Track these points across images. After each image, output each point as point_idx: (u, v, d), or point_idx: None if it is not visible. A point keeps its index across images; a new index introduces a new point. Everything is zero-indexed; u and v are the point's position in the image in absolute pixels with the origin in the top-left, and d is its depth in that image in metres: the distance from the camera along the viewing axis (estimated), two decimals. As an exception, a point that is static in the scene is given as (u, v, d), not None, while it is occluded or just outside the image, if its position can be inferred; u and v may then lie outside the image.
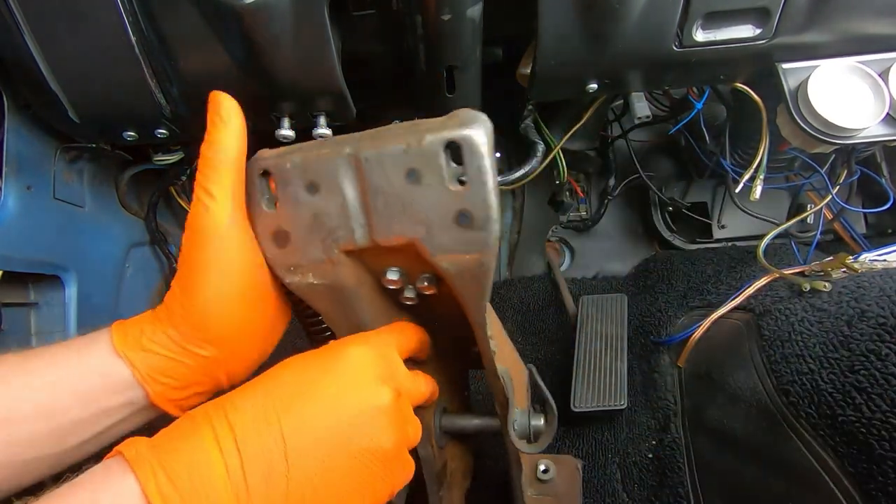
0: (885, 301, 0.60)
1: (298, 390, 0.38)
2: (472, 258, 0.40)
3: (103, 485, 0.33)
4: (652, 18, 0.58)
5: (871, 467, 0.52)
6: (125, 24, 0.55)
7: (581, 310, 0.96)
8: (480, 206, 0.39)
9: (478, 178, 0.38)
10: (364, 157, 0.40)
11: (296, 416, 0.37)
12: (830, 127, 0.64)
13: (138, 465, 0.33)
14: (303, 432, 0.36)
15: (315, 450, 0.36)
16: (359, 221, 0.42)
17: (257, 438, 0.35)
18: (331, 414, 0.38)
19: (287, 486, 0.35)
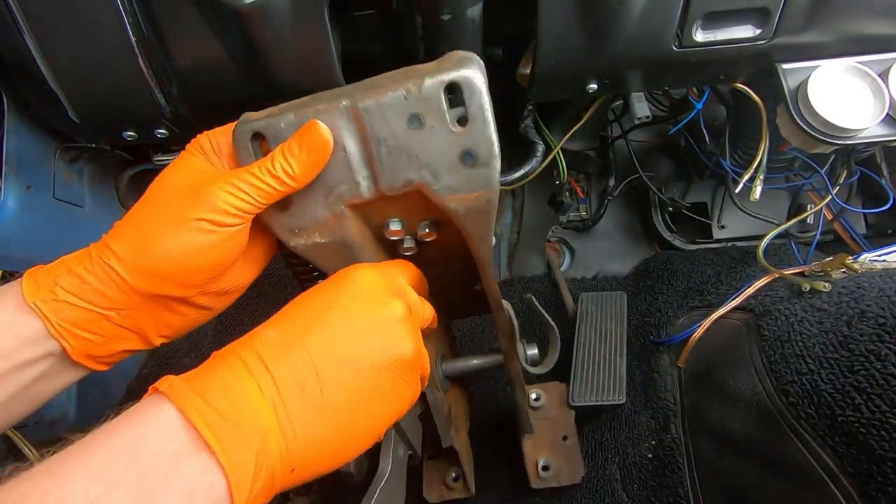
0: (884, 301, 0.60)
1: (317, 315, 0.38)
2: (478, 195, 0.42)
3: (143, 417, 0.32)
4: (652, 19, 0.58)
5: (870, 467, 0.52)
6: (125, 24, 0.55)
7: (580, 307, 0.96)
8: (484, 144, 0.40)
9: (480, 116, 0.39)
10: (363, 107, 0.40)
11: (320, 336, 0.37)
12: (830, 127, 0.64)
13: (174, 394, 0.32)
14: (328, 350, 0.37)
15: (342, 365, 0.37)
16: (362, 174, 0.42)
17: (286, 359, 0.35)
18: (351, 330, 0.38)
19: (322, 398, 0.35)
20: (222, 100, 0.63)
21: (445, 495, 0.79)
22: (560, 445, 0.80)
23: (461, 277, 0.54)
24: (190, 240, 0.40)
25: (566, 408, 0.82)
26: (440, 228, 0.47)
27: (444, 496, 0.79)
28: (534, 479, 0.78)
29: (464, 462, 0.74)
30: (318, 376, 0.36)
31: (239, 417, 0.32)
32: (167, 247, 0.40)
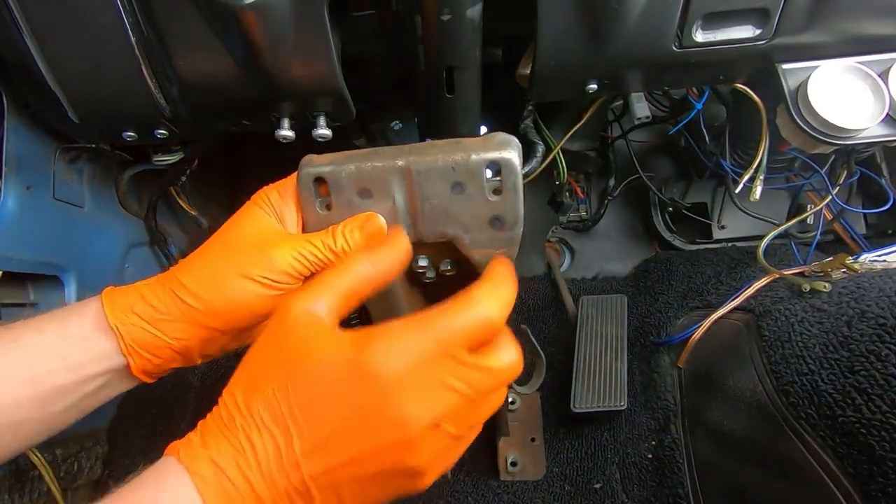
0: (884, 302, 0.60)
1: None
2: (500, 252, 0.49)
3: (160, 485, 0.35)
4: (652, 19, 0.58)
5: (871, 468, 0.52)
6: (125, 24, 0.55)
7: (581, 310, 0.96)
8: (512, 213, 0.47)
9: (512, 190, 0.46)
10: (415, 170, 0.46)
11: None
12: (830, 127, 0.64)
13: (206, 492, 0.34)
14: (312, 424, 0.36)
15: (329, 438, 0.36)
16: (406, 222, 0.49)
17: (274, 451, 0.35)
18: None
19: (307, 489, 0.35)
20: (222, 100, 0.63)
21: None
22: (528, 446, 0.90)
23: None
24: (254, 289, 0.45)
25: (536, 413, 0.92)
26: (459, 265, 0.54)
27: None
28: (503, 473, 0.88)
29: None
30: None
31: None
32: (234, 293, 0.45)
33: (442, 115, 0.67)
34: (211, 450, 0.35)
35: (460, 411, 0.36)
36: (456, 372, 0.35)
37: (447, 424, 0.35)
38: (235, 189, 1.18)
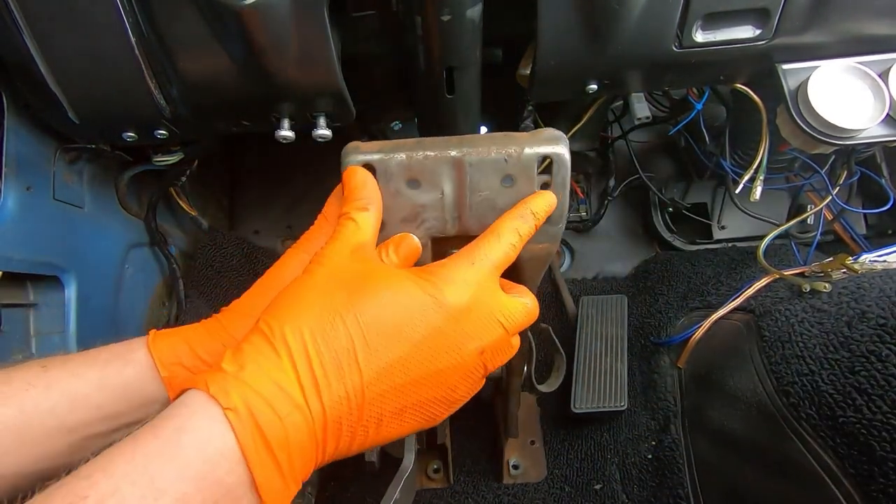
0: (885, 302, 0.60)
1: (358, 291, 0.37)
2: (542, 247, 0.49)
3: (207, 441, 0.31)
4: (652, 19, 0.58)
5: (871, 468, 0.52)
6: (125, 24, 0.55)
7: (581, 311, 0.96)
8: (559, 208, 0.47)
9: (561, 186, 0.47)
10: (468, 161, 0.46)
11: (362, 315, 0.36)
12: (830, 127, 0.64)
13: (239, 427, 0.31)
14: (380, 352, 0.36)
15: (391, 370, 0.36)
16: (452, 214, 0.48)
17: (336, 373, 0.34)
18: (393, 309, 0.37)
19: (360, 416, 0.35)
20: (222, 101, 0.63)
21: (426, 484, 0.88)
22: (528, 449, 0.91)
23: None
24: None
25: (535, 417, 0.94)
26: None
27: (424, 484, 0.88)
28: (505, 476, 0.89)
29: (448, 456, 0.84)
30: (360, 374, 0.35)
31: (288, 449, 0.32)
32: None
33: (442, 115, 0.67)
34: (251, 381, 0.32)
35: (498, 344, 0.40)
36: (501, 305, 0.40)
37: (487, 354, 0.39)
38: (235, 189, 1.18)
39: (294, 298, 0.37)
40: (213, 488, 0.30)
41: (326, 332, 0.35)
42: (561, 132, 0.47)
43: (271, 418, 0.32)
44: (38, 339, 0.74)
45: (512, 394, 0.75)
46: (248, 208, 1.17)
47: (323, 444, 0.34)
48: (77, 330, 0.76)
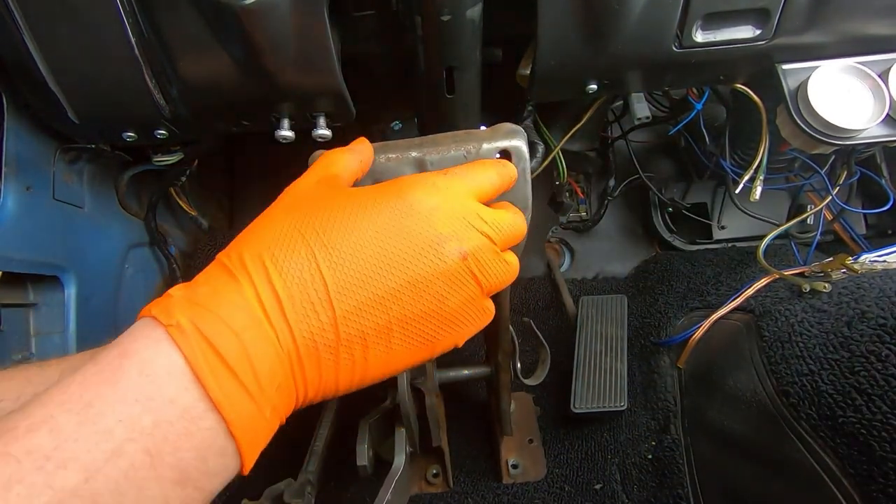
0: (884, 302, 0.60)
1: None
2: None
3: (152, 361, 0.29)
4: (651, 19, 0.58)
5: (871, 469, 0.52)
6: (125, 24, 0.55)
7: (581, 311, 0.96)
8: (521, 199, 0.49)
9: (522, 177, 0.48)
10: (429, 160, 0.47)
11: (336, 252, 0.33)
12: (830, 128, 0.64)
13: (184, 343, 0.29)
14: (350, 272, 0.33)
15: (367, 283, 0.33)
16: None
17: (299, 287, 0.32)
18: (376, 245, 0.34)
19: (336, 334, 0.32)
20: (222, 100, 0.63)
21: (425, 489, 0.88)
22: (527, 448, 0.91)
23: None
24: None
25: (532, 415, 0.94)
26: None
27: (423, 489, 0.88)
28: (504, 476, 0.89)
29: (446, 459, 0.84)
30: (333, 312, 0.32)
31: (251, 365, 0.30)
32: None
33: (442, 115, 0.67)
34: (206, 315, 0.30)
35: (482, 251, 0.36)
36: (479, 208, 0.37)
37: (472, 261, 0.36)
38: (235, 189, 1.18)
39: (252, 227, 0.35)
40: (164, 409, 0.28)
41: (285, 249, 0.32)
42: (518, 126, 0.48)
43: (223, 331, 0.29)
44: (37, 339, 0.74)
45: (502, 390, 0.76)
46: (248, 208, 1.17)
47: (301, 370, 0.32)
48: (77, 330, 0.76)
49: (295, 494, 0.66)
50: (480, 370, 0.75)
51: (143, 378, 0.28)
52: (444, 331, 0.36)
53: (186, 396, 0.28)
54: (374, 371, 0.35)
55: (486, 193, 0.40)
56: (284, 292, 0.31)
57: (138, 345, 0.29)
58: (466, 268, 0.35)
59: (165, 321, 0.29)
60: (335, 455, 0.76)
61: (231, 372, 0.29)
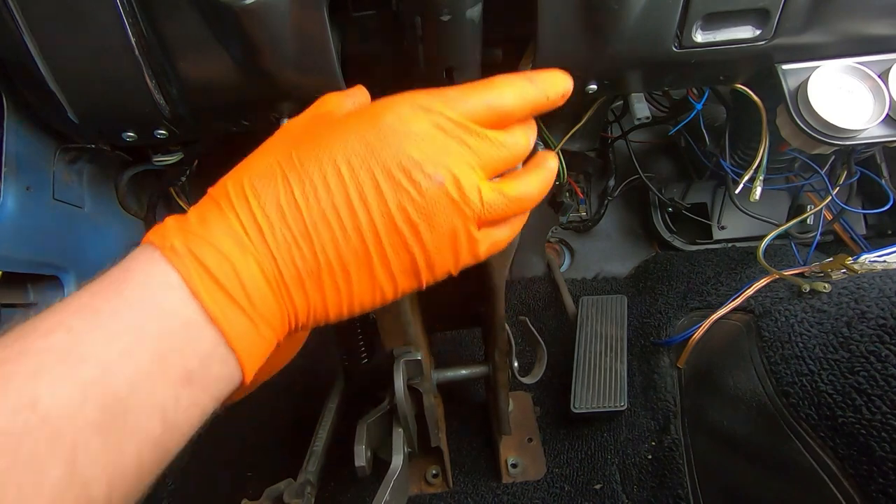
0: (884, 302, 0.60)
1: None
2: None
3: (150, 279, 0.31)
4: (651, 19, 0.58)
5: (871, 469, 0.52)
6: (124, 24, 0.55)
7: (581, 310, 0.96)
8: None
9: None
10: None
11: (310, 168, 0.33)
12: (830, 128, 0.64)
13: (178, 263, 0.31)
14: (321, 191, 0.33)
15: (339, 209, 0.33)
16: None
17: (278, 215, 0.32)
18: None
19: (317, 262, 0.33)
20: (222, 100, 0.63)
21: (425, 489, 0.88)
22: (526, 446, 0.91)
23: (467, 299, 0.64)
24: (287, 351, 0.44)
25: (530, 414, 0.94)
26: None
27: (423, 490, 0.88)
28: (504, 476, 0.89)
29: (445, 459, 0.85)
30: (308, 232, 0.33)
31: (242, 285, 0.31)
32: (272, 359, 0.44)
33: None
34: (198, 241, 0.31)
35: (466, 178, 0.34)
36: (466, 132, 0.35)
37: (455, 189, 0.33)
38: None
39: (241, 163, 0.36)
40: (167, 319, 0.30)
41: (265, 179, 0.33)
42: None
43: (212, 253, 0.31)
44: (37, 339, 0.74)
45: (500, 389, 0.77)
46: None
47: (288, 294, 0.33)
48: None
49: (294, 494, 0.66)
50: (478, 370, 0.75)
51: (145, 291, 0.30)
52: (427, 261, 0.35)
53: (186, 310, 0.30)
54: (361, 298, 0.35)
55: (493, 119, 0.36)
56: (265, 221, 0.32)
57: (138, 264, 0.31)
58: (444, 196, 0.33)
59: (160, 244, 0.31)
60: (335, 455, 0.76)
61: (223, 290, 0.31)
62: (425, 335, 0.70)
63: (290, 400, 0.98)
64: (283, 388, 0.99)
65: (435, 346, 1.01)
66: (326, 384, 0.84)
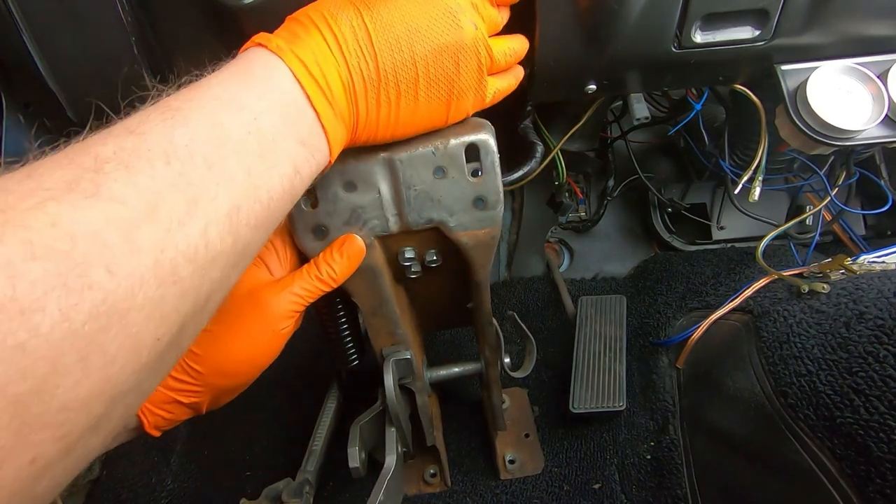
0: (883, 303, 0.60)
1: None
2: (485, 232, 0.52)
3: (268, 65, 0.38)
4: (651, 20, 0.58)
5: (869, 469, 0.52)
6: (124, 24, 0.55)
7: (580, 311, 0.96)
8: (493, 192, 0.50)
9: (491, 170, 0.49)
10: (398, 158, 0.48)
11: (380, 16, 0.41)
12: (829, 128, 0.64)
13: (286, 57, 0.38)
14: (387, 27, 0.41)
15: (400, 42, 0.41)
16: (391, 211, 0.51)
17: (352, 35, 0.40)
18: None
19: (378, 76, 0.41)
20: (221, 100, 0.63)
21: (423, 489, 0.88)
22: (523, 442, 0.91)
23: (455, 296, 0.64)
24: (260, 344, 0.49)
25: (527, 410, 0.94)
26: (444, 257, 0.56)
27: (421, 490, 0.88)
28: (502, 472, 0.88)
29: (442, 458, 0.84)
30: (374, 50, 0.40)
31: (327, 82, 0.39)
32: (241, 353, 0.48)
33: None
34: (295, 45, 0.39)
35: (489, 24, 0.45)
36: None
37: (481, 35, 0.43)
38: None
39: (312, 3, 0.43)
40: (285, 94, 0.37)
41: (340, 9, 0.40)
42: (485, 120, 0.50)
43: (307, 53, 0.38)
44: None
45: (493, 385, 0.77)
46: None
47: (354, 99, 0.40)
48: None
49: (293, 494, 0.66)
50: (471, 367, 0.76)
51: (266, 72, 0.37)
52: (456, 93, 0.44)
53: (295, 91, 0.38)
54: (404, 121, 0.44)
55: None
56: (341, 37, 0.40)
57: (256, 55, 0.39)
58: (476, 41, 0.43)
59: (268, 45, 0.38)
60: (334, 455, 0.76)
61: (316, 82, 0.38)
62: (416, 334, 0.70)
63: (289, 400, 0.98)
64: (283, 388, 0.99)
65: (431, 346, 1.01)
66: (325, 384, 0.84)
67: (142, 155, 0.29)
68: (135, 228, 0.27)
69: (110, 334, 0.25)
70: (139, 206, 0.28)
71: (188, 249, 0.29)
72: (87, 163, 0.28)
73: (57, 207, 0.25)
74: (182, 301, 0.29)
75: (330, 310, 0.64)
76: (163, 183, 0.29)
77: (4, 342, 0.22)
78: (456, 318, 0.72)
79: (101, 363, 0.25)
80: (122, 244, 0.26)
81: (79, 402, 0.25)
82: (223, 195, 0.32)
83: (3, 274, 0.22)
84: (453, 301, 0.66)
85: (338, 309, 0.64)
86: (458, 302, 0.65)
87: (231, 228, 0.32)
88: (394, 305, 0.59)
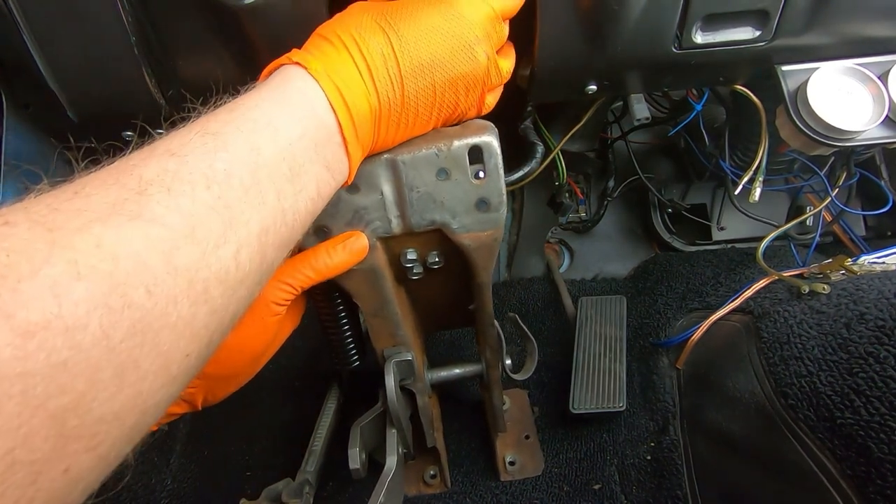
0: (883, 304, 0.60)
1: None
2: (487, 234, 0.52)
3: (305, 90, 0.39)
4: (651, 20, 0.58)
5: (869, 470, 0.52)
6: (124, 23, 0.55)
7: (580, 311, 0.96)
8: (495, 194, 0.50)
9: (494, 172, 0.49)
10: (401, 160, 0.48)
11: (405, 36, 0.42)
12: (830, 129, 0.64)
13: (322, 81, 0.39)
14: (413, 55, 0.42)
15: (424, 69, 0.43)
16: (394, 213, 0.51)
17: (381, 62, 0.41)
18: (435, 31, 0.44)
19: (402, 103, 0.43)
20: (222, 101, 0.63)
21: (423, 490, 0.88)
22: (524, 443, 0.91)
23: (456, 298, 0.64)
24: (250, 330, 0.49)
25: (527, 411, 0.94)
26: (446, 258, 0.56)
27: (421, 491, 0.88)
28: (502, 474, 0.88)
29: (442, 459, 0.84)
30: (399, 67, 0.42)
31: (358, 109, 0.40)
32: (231, 339, 0.47)
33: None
34: (329, 69, 0.40)
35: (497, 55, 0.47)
36: (496, 24, 0.46)
37: (492, 62, 0.46)
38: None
39: (336, 18, 0.44)
40: (317, 119, 0.38)
41: (368, 33, 0.41)
42: (489, 122, 0.50)
43: (343, 79, 0.39)
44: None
45: (493, 387, 0.77)
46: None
47: (378, 122, 0.42)
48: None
49: (293, 494, 0.66)
50: (472, 368, 0.76)
51: (303, 97, 0.39)
52: (459, 113, 0.47)
53: (327, 117, 0.39)
54: (411, 133, 0.46)
55: (507, 11, 0.48)
56: (373, 64, 0.41)
57: (293, 75, 0.39)
58: (485, 69, 0.45)
59: (306, 65, 0.40)
60: (334, 455, 0.76)
61: (348, 109, 0.39)
62: (417, 335, 0.70)
63: (289, 400, 0.98)
64: (283, 388, 0.99)
65: (432, 347, 1.01)
66: (325, 384, 0.84)
67: (184, 178, 0.31)
68: (174, 250, 0.28)
69: (144, 351, 0.26)
70: (179, 229, 0.29)
71: (220, 270, 0.31)
72: (132, 184, 0.29)
73: (101, 229, 0.26)
74: (211, 318, 0.30)
75: (331, 310, 0.64)
76: (202, 206, 0.30)
77: (49, 359, 0.23)
78: (457, 320, 0.72)
79: (134, 378, 0.26)
80: (162, 265, 0.28)
81: (112, 415, 0.26)
82: (255, 218, 0.33)
83: (50, 293, 0.23)
84: (455, 303, 0.65)
85: (339, 309, 0.64)
86: (459, 303, 0.65)
87: (260, 249, 0.34)
88: (395, 307, 0.59)
